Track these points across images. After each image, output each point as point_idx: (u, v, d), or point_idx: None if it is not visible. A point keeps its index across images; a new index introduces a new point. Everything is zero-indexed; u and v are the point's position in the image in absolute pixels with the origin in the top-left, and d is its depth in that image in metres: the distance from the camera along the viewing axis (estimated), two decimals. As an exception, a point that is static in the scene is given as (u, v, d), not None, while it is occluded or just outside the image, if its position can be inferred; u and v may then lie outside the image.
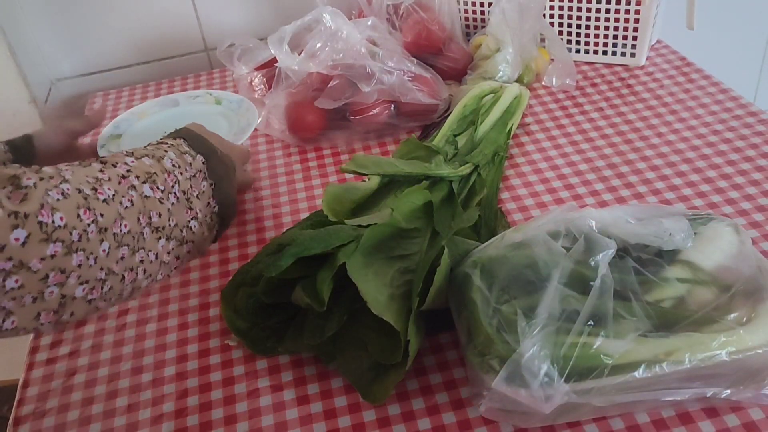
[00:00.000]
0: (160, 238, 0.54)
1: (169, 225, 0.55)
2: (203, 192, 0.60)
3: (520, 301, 0.57)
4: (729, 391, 0.56)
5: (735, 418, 0.60)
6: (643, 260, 0.60)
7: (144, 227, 0.52)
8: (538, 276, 0.57)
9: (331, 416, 0.65)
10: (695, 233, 0.62)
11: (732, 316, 0.57)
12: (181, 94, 1.06)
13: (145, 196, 0.53)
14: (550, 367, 0.53)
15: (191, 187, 0.58)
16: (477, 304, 0.58)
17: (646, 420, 0.60)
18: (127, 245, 0.51)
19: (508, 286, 0.58)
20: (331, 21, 0.94)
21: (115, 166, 0.53)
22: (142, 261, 0.53)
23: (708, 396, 0.57)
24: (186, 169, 0.58)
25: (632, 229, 0.61)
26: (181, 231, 0.56)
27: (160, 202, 0.54)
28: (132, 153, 0.56)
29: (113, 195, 0.50)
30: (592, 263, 0.57)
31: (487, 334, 0.56)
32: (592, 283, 0.56)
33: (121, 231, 0.50)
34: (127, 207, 0.51)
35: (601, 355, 0.54)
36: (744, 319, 0.56)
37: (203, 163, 0.61)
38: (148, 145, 0.60)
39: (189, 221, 0.57)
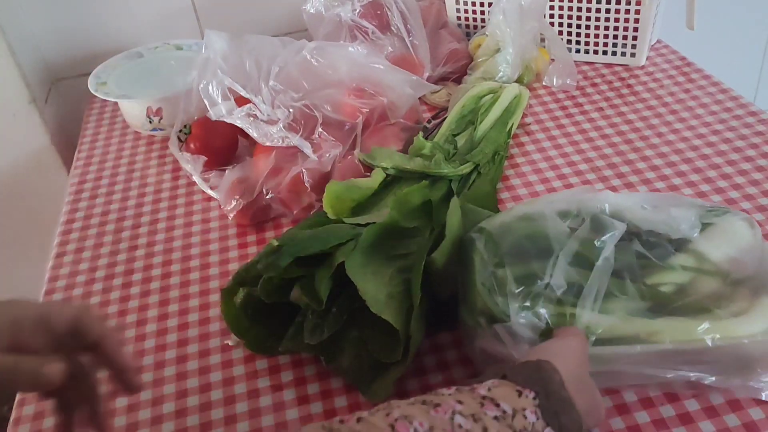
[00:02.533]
0: None
1: None
2: None
3: (516, 267, 0.59)
4: (714, 378, 0.57)
5: (735, 418, 0.60)
6: (652, 244, 0.61)
7: None
8: (539, 247, 0.60)
9: (331, 416, 0.65)
10: (710, 224, 0.63)
11: (729, 306, 0.58)
12: (143, 48, 1.17)
13: None
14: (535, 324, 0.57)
15: None
16: (475, 265, 0.60)
17: (646, 420, 0.60)
18: None
19: (508, 253, 0.60)
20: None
21: None
22: None
23: (692, 379, 0.58)
24: None
25: (645, 215, 0.62)
26: None
27: None
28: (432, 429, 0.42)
29: None
30: (598, 243, 0.59)
31: (479, 294, 0.59)
32: (594, 261, 0.58)
33: None
34: None
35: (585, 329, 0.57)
36: (739, 311, 0.57)
37: (537, 406, 0.46)
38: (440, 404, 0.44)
39: None
